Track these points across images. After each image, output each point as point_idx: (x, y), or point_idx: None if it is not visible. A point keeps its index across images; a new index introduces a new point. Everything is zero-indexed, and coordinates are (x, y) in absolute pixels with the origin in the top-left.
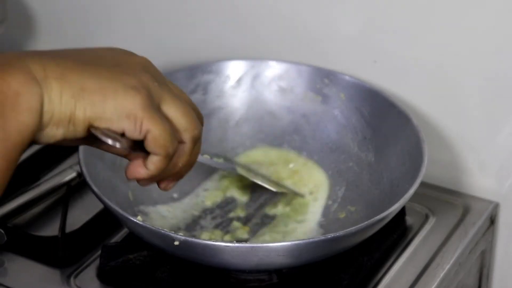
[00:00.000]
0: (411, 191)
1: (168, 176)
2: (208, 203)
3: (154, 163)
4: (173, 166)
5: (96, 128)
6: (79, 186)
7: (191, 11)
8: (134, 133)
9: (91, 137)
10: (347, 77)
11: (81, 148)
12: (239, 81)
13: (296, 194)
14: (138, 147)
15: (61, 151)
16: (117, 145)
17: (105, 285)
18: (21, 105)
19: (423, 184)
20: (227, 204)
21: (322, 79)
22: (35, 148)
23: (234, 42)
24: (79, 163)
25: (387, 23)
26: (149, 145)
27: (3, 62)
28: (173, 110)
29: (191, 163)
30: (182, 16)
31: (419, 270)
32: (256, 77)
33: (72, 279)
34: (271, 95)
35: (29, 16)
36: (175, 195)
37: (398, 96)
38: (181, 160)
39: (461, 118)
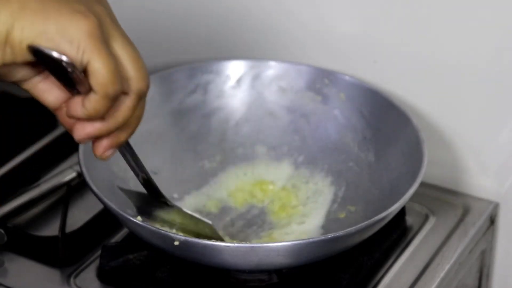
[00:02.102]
0: (411, 191)
1: (106, 132)
2: (209, 204)
3: (91, 101)
4: (113, 119)
5: (37, 46)
6: (79, 186)
7: (191, 11)
8: (74, 61)
9: (35, 64)
10: (347, 77)
11: (81, 148)
12: (239, 81)
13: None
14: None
15: (61, 151)
16: (63, 57)
17: (105, 285)
18: None
19: (423, 184)
20: (228, 205)
21: (322, 79)
22: (35, 148)
23: (234, 42)
24: (79, 163)
25: (387, 23)
26: (89, 78)
27: None
28: (122, 51)
29: (132, 124)
30: (182, 16)
31: (419, 270)
32: (256, 77)
33: (72, 279)
34: (271, 95)
35: None
36: (175, 195)
37: (398, 96)
38: (121, 114)
39: (461, 118)
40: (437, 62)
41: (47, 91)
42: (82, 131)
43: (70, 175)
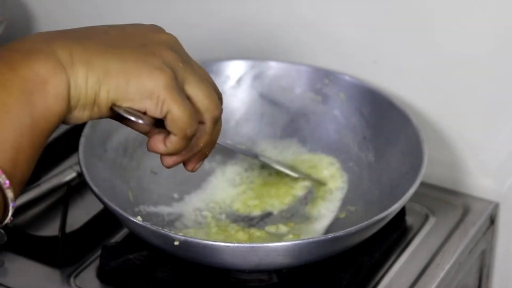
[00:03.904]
0: (411, 191)
1: (191, 156)
2: (209, 204)
3: (172, 142)
4: (195, 146)
5: (119, 106)
6: (79, 186)
7: (191, 11)
8: (155, 113)
9: (116, 115)
10: (347, 77)
11: (81, 148)
12: (239, 81)
13: (316, 181)
14: (160, 124)
15: (61, 151)
16: (140, 121)
17: (105, 285)
18: (48, 93)
19: (423, 184)
20: (228, 205)
21: (322, 79)
22: None
23: (234, 42)
24: (79, 163)
25: (387, 23)
26: (169, 125)
27: (30, 48)
28: (195, 91)
29: (212, 143)
30: (181, 16)
31: (419, 270)
32: (256, 77)
33: (72, 279)
34: (271, 95)
35: (29, 16)
36: (175, 195)
37: (398, 96)
38: (202, 140)
39: (461, 118)
40: (437, 62)
41: (133, 123)
42: (169, 160)
43: (70, 175)
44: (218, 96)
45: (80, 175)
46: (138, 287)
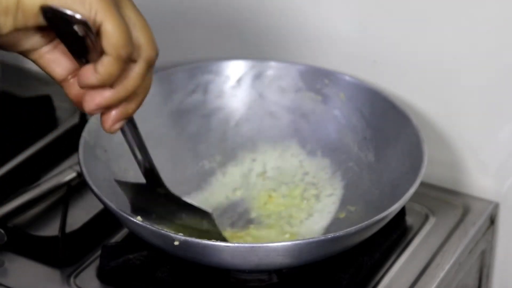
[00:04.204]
0: (411, 191)
1: (115, 102)
2: (209, 205)
3: (104, 64)
4: (122, 89)
5: (50, 6)
6: (79, 186)
7: (191, 11)
8: (87, 21)
9: (44, 33)
10: (347, 77)
11: (81, 148)
12: (239, 81)
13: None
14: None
15: (61, 151)
16: (77, 16)
17: (105, 285)
18: None
19: (423, 184)
20: (228, 205)
21: (322, 79)
22: (35, 148)
23: (234, 42)
24: (79, 163)
25: (387, 23)
26: (102, 41)
27: None
28: (133, 17)
29: (141, 92)
30: (181, 16)
31: (419, 270)
32: (256, 77)
33: (72, 279)
34: (271, 95)
35: None
36: None
37: (398, 96)
38: (130, 82)
39: (461, 118)
40: (437, 62)
41: (55, 61)
42: (92, 102)
43: (70, 175)
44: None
45: (80, 175)
46: (138, 287)
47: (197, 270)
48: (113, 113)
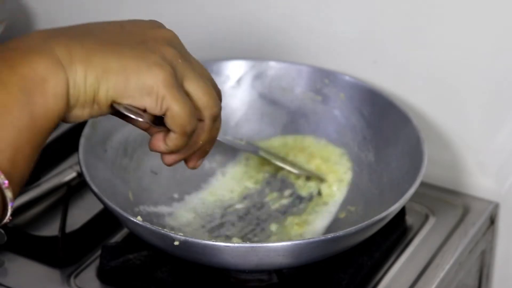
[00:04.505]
0: (411, 191)
1: (192, 153)
2: (209, 205)
3: (172, 140)
4: (194, 143)
5: (119, 104)
6: (79, 186)
7: (191, 11)
8: (155, 110)
9: (117, 112)
10: (347, 77)
11: (81, 148)
12: (239, 81)
13: (318, 178)
14: (160, 122)
15: (61, 151)
16: (139, 119)
17: (105, 285)
18: (47, 92)
19: (423, 184)
20: (228, 205)
21: (322, 79)
22: None
23: (234, 42)
24: (79, 163)
25: (387, 23)
26: (168, 122)
27: (29, 46)
28: (194, 88)
29: (212, 140)
30: (181, 17)
31: (419, 270)
32: (256, 77)
33: (72, 279)
34: (271, 95)
35: (29, 16)
36: (175, 195)
37: (398, 96)
38: (201, 138)
39: (461, 118)
40: (437, 62)
41: (133, 120)
42: (170, 158)
43: (70, 175)
44: (217, 93)
45: (80, 175)
46: (138, 287)
47: (197, 270)
48: (194, 157)
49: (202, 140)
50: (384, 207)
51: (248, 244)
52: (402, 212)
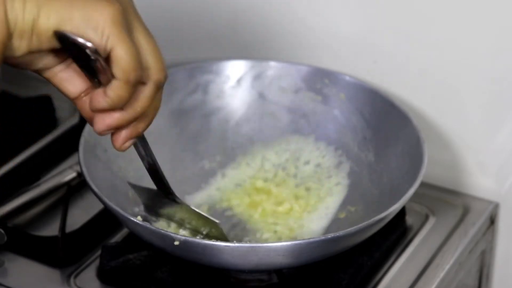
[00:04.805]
0: (411, 191)
1: (125, 123)
2: (209, 204)
3: (114, 89)
4: (132, 109)
5: (63, 31)
6: (79, 186)
7: (191, 11)
8: (99, 47)
9: (58, 53)
10: (347, 77)
11: (81, 148)
12: (239, 81)
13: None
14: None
15: (61, 151)
16: (88, 44)
17: (105, 285)
18: None
19: (423, 184)
20: (228, 205)
21: (322, 79)
22: (35, 148)
23: (234, 42)
24: (79, 163)
25: (387, 24)
26: (112, 65)
27: None
28: (143, 41)
29: (151, 111)
30: (181, 17)
31: (419, 270)
32: (256, 77)
33: (72, 279)
34: (271, 95)
35: None
36: None
37: (398, 96)
38: (140, 104)
39: (461, 118)
40: (437, 62)
41: (68, 80)
42: (102, 123)
43: (70, 175)
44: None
45: (80, 175)
46: (138, 287)
47: (197, 270)
48: (123, 132)
49: (140, 107)
50: (384, 207)
51: (248, 244)
52: (402, 212)
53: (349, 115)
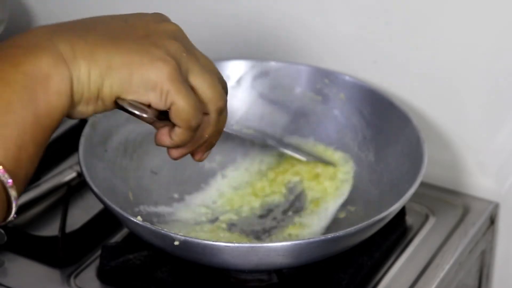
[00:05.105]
0: (411, 191)
1: (197, 146)
2: (209, 204)
3: (177, 134)
4: (200, 137)
5: (123, 100)
6: (79, 186)
7: (191, 11)
8: (159, 105)
9: (121, 107)
10: (347, 77)
11: (81, 148)
12: (239, 81)
13: (327, 164)
14: (166, 116)
15: (61, 151)
16: (144, 115)
17: (105, 285)
18: (51, 89)
19: (423, 184)
20: (228, 205)
21: (322, 79)
22: None
23: (234, 42)
24: (79, 163)
25: (387, 23)
26: (173, 117)
27: (32, 43)
28: (199, 82)
29: (218, 133)
30: (182, 17)
31: (419, 270)
32: (256, 77)
33: (72, 279)
34: (271, 95)
35: (29, 16)
36: (175, 195)
37: (398, 96)
38: (207, 131)
39: (461, 118)
40: (437, 62)
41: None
42: (176, 152)
43: (70, 175)
44: (222, 86)
45: (80, 175)
46: (138, 287)
47: (197, 270)
48: (199, 150)
49: (207, 134)
50: (384, 207)
51: (248, 244)
52: (402, 212)
53: (349, 115)
